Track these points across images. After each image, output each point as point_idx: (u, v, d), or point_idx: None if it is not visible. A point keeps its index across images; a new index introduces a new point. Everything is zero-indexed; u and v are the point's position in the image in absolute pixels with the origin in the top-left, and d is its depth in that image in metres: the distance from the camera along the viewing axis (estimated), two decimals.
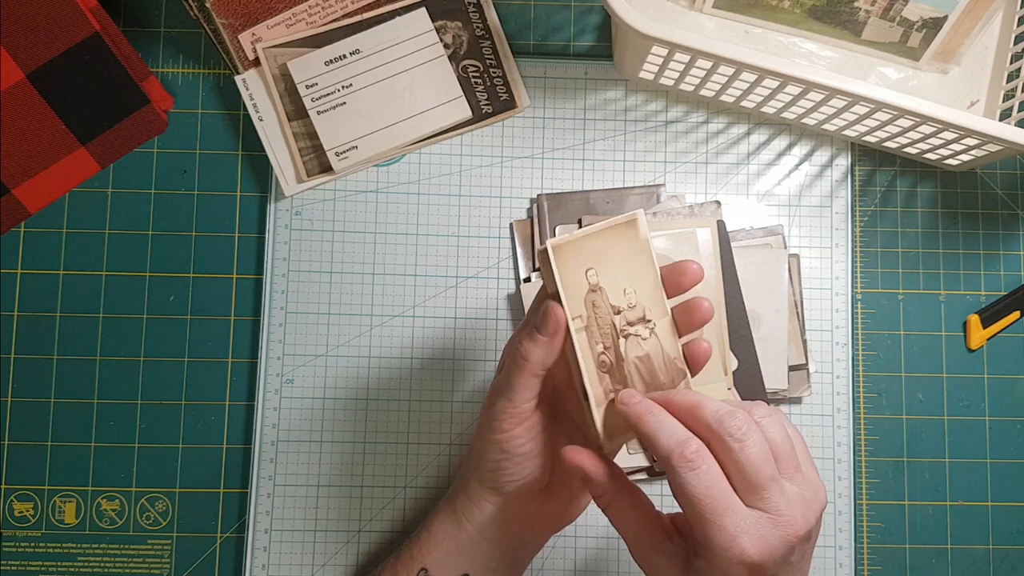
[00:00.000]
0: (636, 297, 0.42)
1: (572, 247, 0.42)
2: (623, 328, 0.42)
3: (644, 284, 0.43)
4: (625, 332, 0.42)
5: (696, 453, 0.37)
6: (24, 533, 0.55)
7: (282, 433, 0.56)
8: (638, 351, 0.42)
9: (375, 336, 0.57)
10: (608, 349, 0.42)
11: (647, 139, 0.58)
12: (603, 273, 0.42)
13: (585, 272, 0.42)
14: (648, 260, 0.43)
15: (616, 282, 0.42)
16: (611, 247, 0.42)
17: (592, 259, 0.42)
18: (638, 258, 0.42)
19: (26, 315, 0.57)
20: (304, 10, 0.56)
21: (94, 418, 0.56)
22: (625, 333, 0.42)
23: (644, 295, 0.43)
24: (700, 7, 0.58)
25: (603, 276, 0.42)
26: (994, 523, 0.56)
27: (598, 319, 0.42)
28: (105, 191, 0.58)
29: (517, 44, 0.59)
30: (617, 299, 0.42)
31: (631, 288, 0.42)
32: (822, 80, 0.48)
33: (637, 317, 0.42)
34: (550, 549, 0.55)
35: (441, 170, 0.58)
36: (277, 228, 0.57)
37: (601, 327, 0.42)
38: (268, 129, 0.57)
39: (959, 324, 0.58)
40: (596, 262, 0.42)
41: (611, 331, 0.42)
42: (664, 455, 0.38)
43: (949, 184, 0.59)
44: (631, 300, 0.42)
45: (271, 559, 0.55)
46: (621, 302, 0.42)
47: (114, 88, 0.55)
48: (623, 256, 0.42)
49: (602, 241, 0.42)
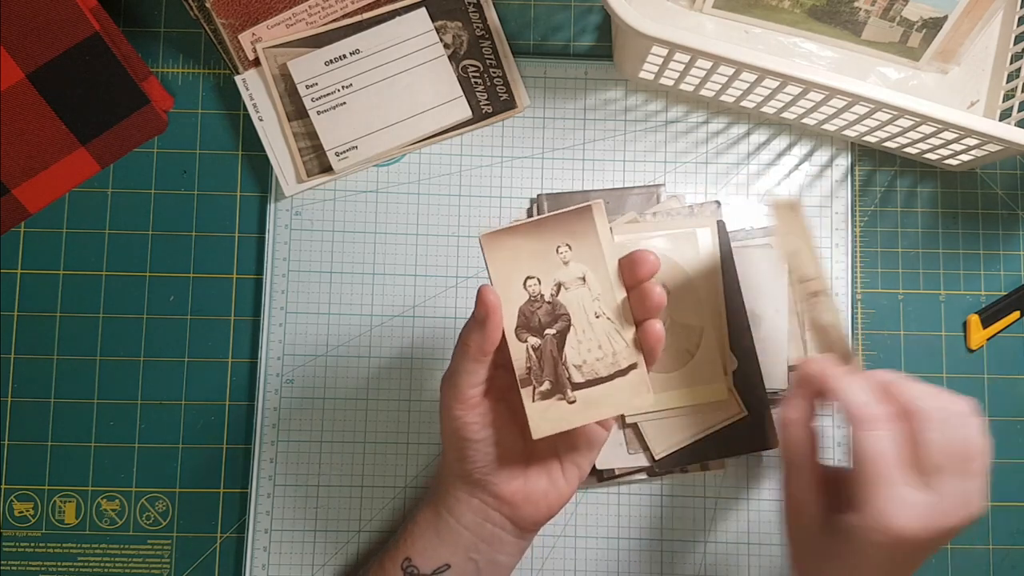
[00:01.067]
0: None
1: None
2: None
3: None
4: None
5: (880, 416, 0.39)
6: (24, 533, 0.55)
7: (282, 433, 0.56)
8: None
9: (375, 336, 0.57)
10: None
11: (647, 139, 0.58)
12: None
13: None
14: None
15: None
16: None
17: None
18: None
19: (26, 315, 0.57)
20: (304, 10, 0.56)
21: (94, 418, 0.56)
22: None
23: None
24: (700, 7, 0.58)
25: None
26: (994, 523, 0.56)
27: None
28: (105, 191, 0.58)
29: (517, 44, 0.59)
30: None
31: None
32: (822, 80, 0.48)
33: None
34: (550, 549, 0.55)
35: (441, 170, 0.58)
36: (277, 228, 0.57)
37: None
38: (268, 129, 0.57)
39: (959, 324, 0.58)
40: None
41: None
42: (851, 411, 0.40)
43: (949, 184, 0.59)
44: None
45: (271, 559, 0.55)
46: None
47: (114, 88, 0.55)
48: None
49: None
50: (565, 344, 0.42)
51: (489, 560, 0.47)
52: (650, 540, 0.55)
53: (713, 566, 0.55)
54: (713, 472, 0.55)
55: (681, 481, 0.55)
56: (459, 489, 0.47)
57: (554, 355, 0.42)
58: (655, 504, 0.55)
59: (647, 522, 0.55)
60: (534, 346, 0.42)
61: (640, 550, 0.55)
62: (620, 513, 0.55)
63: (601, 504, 0.55)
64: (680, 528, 0.55)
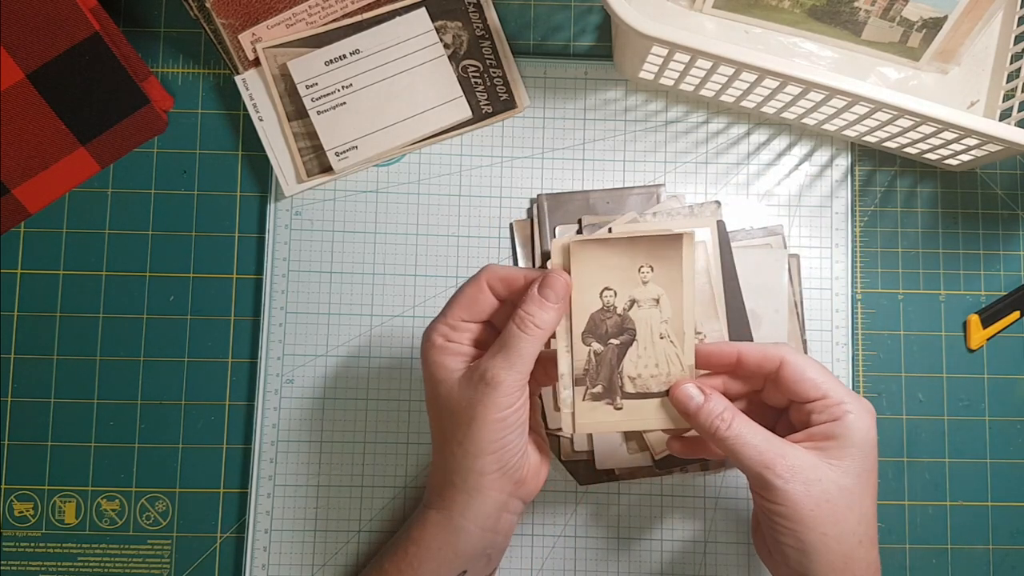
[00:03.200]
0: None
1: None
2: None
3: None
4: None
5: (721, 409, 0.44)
6: (24, 533, 0.55)
7: (282, 433, 0.56)
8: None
9: (375, 336, 0.57)
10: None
11: (647, 139, 0.58)
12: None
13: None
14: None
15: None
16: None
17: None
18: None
19: (26, 315, 0.57)
20: (304, 10, 0.56)
21: (94, 418, 0.56)
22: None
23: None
24: (700, 7, 0.58)
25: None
26: (994, 523, 0.56)
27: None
28: (105, 191, 0.58)
29: (517, 44, 0.59)
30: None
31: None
32: (822, 80, 0.48)
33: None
34: (550, 549, 0.55)
35: (441, 170, 0.58)
36: (277, 228, 0.57)
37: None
38: (268, 129, 0.57)
39: (959, 324, 0.58)
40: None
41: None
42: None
43: (949, 184, 0.59)
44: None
45: (271, 559, 0.55)
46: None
47: (114, 88, 0.55)
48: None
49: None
50: (625, 356, 0.45)
51: (499, 548, 0.48)
52: (650, 540, 0.55)
53: (713, 566, 0.55)
54: (713, 472, 0.55)
55: (681, 481, 0.55)
56: (489, 489, 0.44)
57: (612, 363, 0.45)
58: (655, 504, 0.55)
59: (647, 522, 0.55)
60: (596, 351, 0.44)
61: (640, 550, 0.55)
62: (620, 513, 0.55)
63: (601, 504, 0.55)
64: (680, 528, 0.55)
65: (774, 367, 0.44)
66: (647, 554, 0.55)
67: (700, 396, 0.44)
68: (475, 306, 0.45)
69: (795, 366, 0.44)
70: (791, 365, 0.44)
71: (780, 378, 0.44)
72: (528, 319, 0.42)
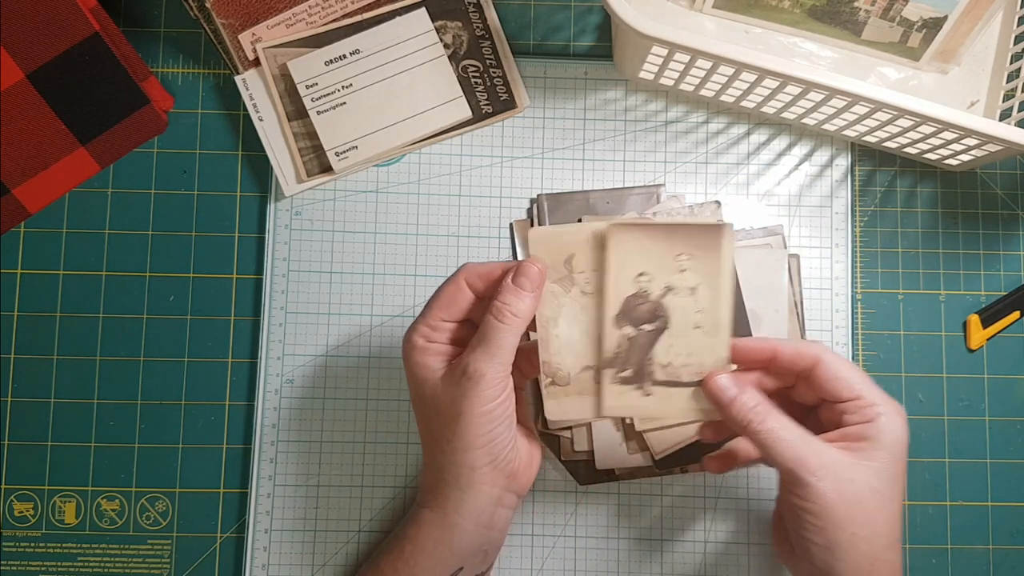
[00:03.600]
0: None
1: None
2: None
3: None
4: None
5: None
6: (24, 533, 0.55)
7: (282, 433, 0.56)
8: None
9: (375, 336, 0.57)
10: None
11: (647, 139, 0.58)
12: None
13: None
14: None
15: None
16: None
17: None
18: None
19: (26, 315, 0.57)
20: (304, 10, 0.56)
21: (94, 418, 0.56)
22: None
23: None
24: (700, 7, 0.58)
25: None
26: (994, 523, 0.56)
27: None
28: (105, 191, 0.58)
29: (517, 44, 0.59)
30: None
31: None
32: (822, 80, 0.48)
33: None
34: (550, 549, 0.55)
35: (441, 170, 0.58)
36: (277, 228, 0.57)
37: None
38: (268, 129, 0.57)
39: (959, 324, 0.58)
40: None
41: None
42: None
43: (949, 184, 0.59)
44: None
45: (271, 559, 0.55)
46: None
47: (114, 88, 0.55)
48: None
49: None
50: (657, 342, 0.44)
51: (495, 544, 0.48)
52: (650, 540, 0.55)
53: (713, 566, 0.55)
54: (713, 472, 0.55)
55: (681, 481, 0.55)
56: (482, 484, 0.45)
57: (644, 349, 0.44)
58: (655, 504, 0.55)
59: (647, 522, 0.55)
60: (628, 335, 0.44)
61: (640, 550, 0.55)
62: (620, 513, 0.55)
63: (601, 504, 0.55)
64: (680, 528, 0.55)
65: (809, 365, 0.44)
66: (647, 554, 0.55)
67: (734, 389, 0.43)
68: (454, 305, 0.45)
69: (830, 365, 0.44)
70: (826, 364, 0.44)
71: (814, 376, 0.44)
72: (505, 308, 0.43)
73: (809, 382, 0.45)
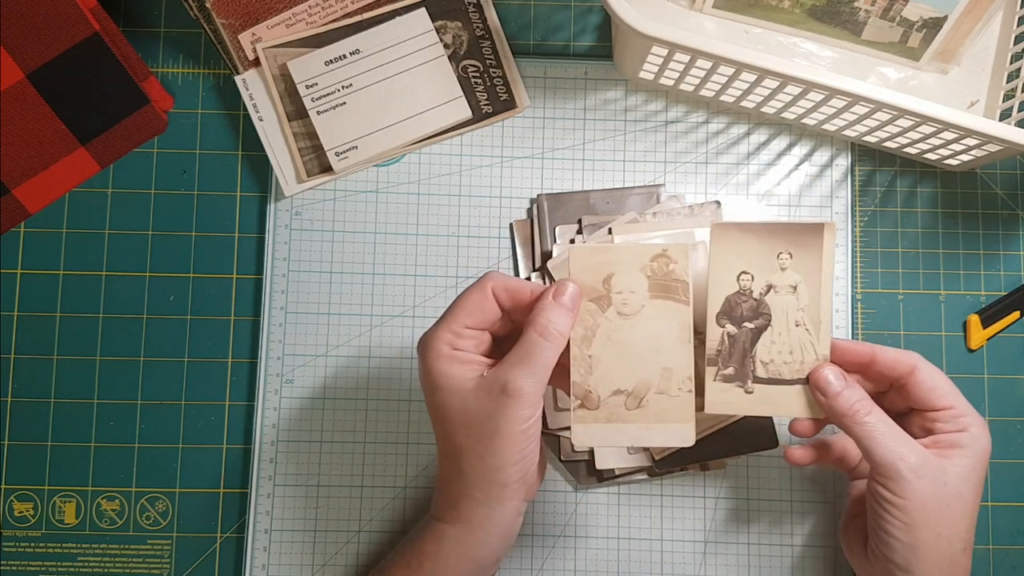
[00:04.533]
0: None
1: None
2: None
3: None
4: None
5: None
6: (24, 533, 0.55)
7: (282, 433, 0.56)
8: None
9: (375, 336, 0.57)
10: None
11: (647, 139, 0.58)
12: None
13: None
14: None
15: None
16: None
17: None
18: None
19: (26, 315, 0.57)
20: (304, 10, 0.56)
21: (94, 418, 0.56)
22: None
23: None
24: (700, 7, 0.58)
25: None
26: (994, 523, 0.56)
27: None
28: (105, 191, 0.58)
29: (517, 44, 0.59)
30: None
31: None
32: (822, 80, 0.48)
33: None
34: (550, 549, 0.55)
35: (441, 170, 0.58)
36: (277, 228, 0.57)
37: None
38: (268, 129, 0.57)
39: (959, 324, 0.58)
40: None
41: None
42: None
43: (949, 184, 0.59)
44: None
45: (271, 559, 0.55)
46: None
47: (114, 88, 0.55)
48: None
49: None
50: (758, 340, 0.45)
51: (508, 551, 0.47)
52: (650, 540, 0.55)
53: (713, 566, 0.55)
54: (713, 472, 0.55)
55: (681, 481, 0.55)
56: (511, 499, 0.43)
57: (745, 347, 0.46)
58: (655, 504, 0.55)
59: (647, 522, 0.55)
60: (730, 333, 0.45)
61: (640, 550, 0.55)
62: (620, 513, 0.55)
63: (601, 504, 0.55)
64: (680, 528, 0.55)
65: (906, 371, 0.46)
66: (647, 554, 0.55)
67: (842, 382, 0.45)
68: (480, 313, 0.44)
69: (928, 373, 0.46)
70: (924, 372, 0.46)
71: (910, 383, 0.46)
72: (551, 326, 0.42)
73: (903, 389, 0.46)
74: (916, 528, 0.43)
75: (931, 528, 0.42)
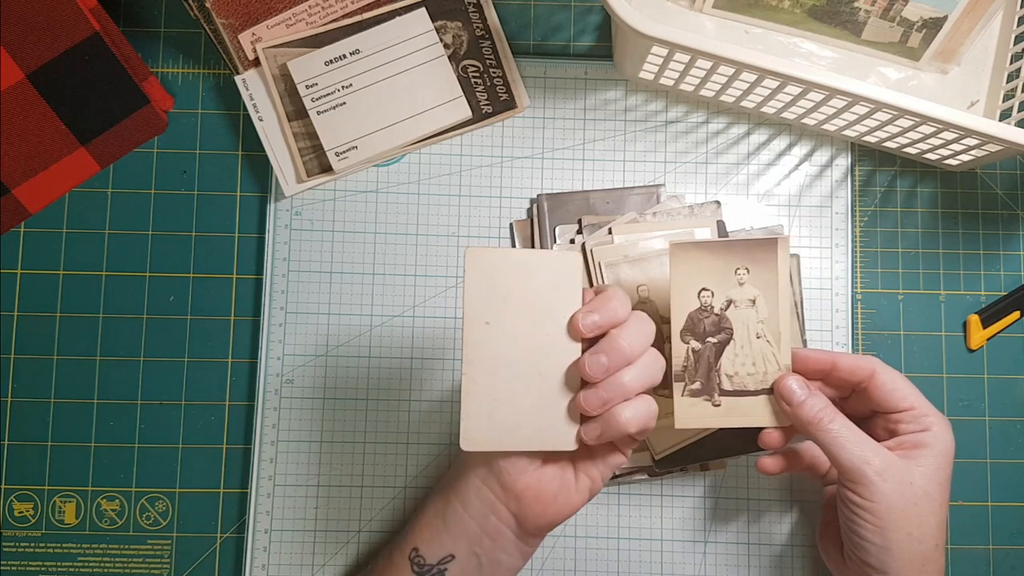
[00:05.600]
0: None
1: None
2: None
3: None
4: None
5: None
6: (24, 533, 0.55)
7: (282, 433, 0.56)
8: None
9: (375, 336, 0.57)
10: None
11: (647, 139, 0.58)
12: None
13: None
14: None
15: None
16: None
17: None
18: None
19: (26, 315, 0.57)
20: (304, 10, 0.56)
21: (94, 418, 0.56)
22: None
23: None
24: (700, 7, 0.58)
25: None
26: (994, 523, 0.56)
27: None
28: (105, 191, 0.58)
29: (517, 44, 0.59)
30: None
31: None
32: (822, 80, 0.48)
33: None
34: (550, 549, 0.55)
35: (441, 170, 0.58)
36: (277, 228, 0.57)
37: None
38: (268, 129, 0.57)
39: (959, 324, 0.58)
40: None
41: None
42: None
43: (949, 184, 0.59)
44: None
45: (271, 559, 0.55)
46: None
47: (114, 88, 0.55)
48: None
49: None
50: (722, 354, 0.46)
51: (491, 558, 0.47)
52: (650, 540, 0.55)
53: (713, 566, 0.55)
54: (713, 472, 0.55)
55: (681, 481, 0.55)
56: (473, 476, 0.47)
57: (710, 361, 0.47)
58: (655, 504, 0.55)
59: (647, 522, 0.55)
60: (694, 349, 0.47)
61: (640, 550, 0.55)
62: (620, 513, 0.55)
63: (601, 504, 0.55)
64: (680, 528, 0.55)
65: (865, 375, 0.47)
66: (647, 553, 0.55)
67: (805, 391, 0.46)
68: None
69: (887, 376, 0.47)
70: (883, 375, 0.47)
71: (871, 387, 0.47)
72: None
73: (865, 393, 0.47)
74: (887, 529, 0.43)
75: (901, 528, 0.43)
